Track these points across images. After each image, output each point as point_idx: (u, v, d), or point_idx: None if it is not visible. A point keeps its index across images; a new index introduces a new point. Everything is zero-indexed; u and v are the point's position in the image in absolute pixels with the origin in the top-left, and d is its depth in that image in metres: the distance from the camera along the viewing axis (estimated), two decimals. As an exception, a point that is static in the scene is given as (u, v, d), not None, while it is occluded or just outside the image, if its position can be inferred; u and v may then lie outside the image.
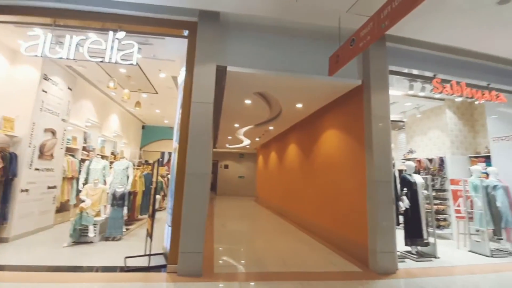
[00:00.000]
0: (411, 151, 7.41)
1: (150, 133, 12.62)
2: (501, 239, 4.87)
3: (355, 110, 4.57)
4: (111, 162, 6.99)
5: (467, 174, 5.68)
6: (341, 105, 5.12)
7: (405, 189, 4.54)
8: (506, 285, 3.46)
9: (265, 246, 5.03)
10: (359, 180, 4.24)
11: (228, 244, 5.04)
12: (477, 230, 4.80)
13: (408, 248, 4.52)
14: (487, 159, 5.82)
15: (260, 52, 4.08)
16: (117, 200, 5.10)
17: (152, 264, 3.54)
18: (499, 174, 5.11)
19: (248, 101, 5.75)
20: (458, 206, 5.25)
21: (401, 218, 4.62)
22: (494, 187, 4.85)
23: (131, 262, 3.56)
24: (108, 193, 5.19)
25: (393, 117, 8.30)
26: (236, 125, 8.62)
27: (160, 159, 5.76)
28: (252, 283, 3.20)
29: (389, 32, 4.22)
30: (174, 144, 4.33)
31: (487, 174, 5.18)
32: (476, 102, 5.29)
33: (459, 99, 5.38)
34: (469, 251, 4.81)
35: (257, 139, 11.63)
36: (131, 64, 3.88)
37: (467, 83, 4.84)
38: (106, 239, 4.74)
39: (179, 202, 3.46)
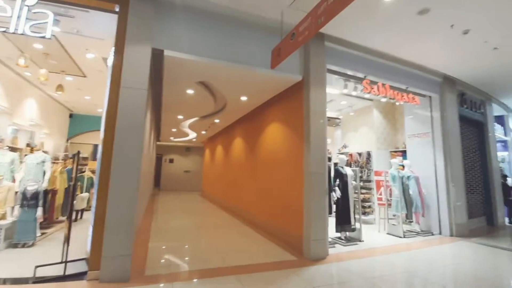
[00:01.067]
0: (344, 146, 8.11)
1: (79, 123, 11.08)
2: (412, 221, 5.73)
3: (296, 105, 4.72)
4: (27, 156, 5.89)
5: (388, 166, 6.48)
6: (284, 100, 5.25)
7: (337, 180, 4.93)
8: (415, 260, 4.05)
9: (206, 242, 4.90)
10: (298, 172, 4.42)
11: (167, 243, 4.75)
12: (394, 215, 5.53)
13: (338, 234, 4.94)
14: (403, 153, 6.74)
15: (202, 38, 3.86)
16: (29, 200, 4.30)
17: (70, 272, 3.08)
18: (412, 166, 5.96)
19: (190, 91, 5.45)
20: (380, 194, 5.96)
21: (333, 207, 5.01)
22: (408, 178, 5.64)
23: (44, 272, 3.03)
24: (16, 192, 4.35)
25: (330, 114, 8.95)
26: (180, 117, 8.17)
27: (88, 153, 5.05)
28: (184, 283, 3.05)
29: (327, 32, 4.49)
30: (101, 134, 3.83)
31: (403, 166, 5.98)
32: (397, 103, 6.02)
33: (384, 100, 6.06)
34: (387, 233, 5.52)
35: (203, 132, 11.28)
36: (45, 37, 3.25)
37: (391, 85, 5.47)
38: (15, 245, 3.98)
39: (103, 200, 3.07)
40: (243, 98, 5.89)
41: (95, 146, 10.15)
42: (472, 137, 7.20)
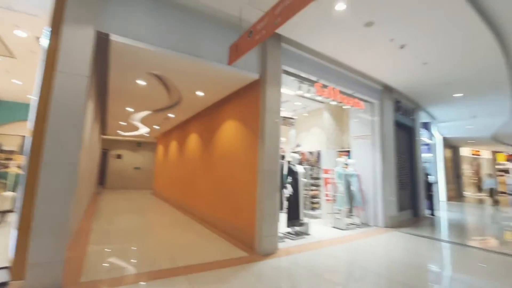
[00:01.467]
0: (298, 145, 8.50)
1: (6, 111, 9.49)
2: (353, 215, 6.31)
3: (252, 103, 4.78)
4: None
5: (335, 164, 7.00)
6: (241, 97, 5.27)
7: (289, 177, 5.15)
8: (354, 250, 4.47)
9: (155, 243, 4.66)
10: (252, 170, 4.49)
11: (110, 245, 4.37)
12: (338, 210, 6.02)
13: (288, 229, 5.17)
14: (349, 153, 7.36)
15: (156, 26, 3.62)
16: None
17: (-16, 283, 2.63)
18: (355, 164, 6.55)
19: (141, 82, 5.10)
20: (327, 191, 6.42)
21: (285, 204, 5.22)
22: (351, 175, 6.19)
23: None
24: None
25: (285, 114, 9.29)
26: (130, 109, 7.59)
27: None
28: (128, 287, 2.85)
29: (284, 33, 4.63)
30: (29, 125, 3.33)
31: (347, 165, 6.53)
32: (345, 107, 6.53)
33: (334, 103, 6.52)
34: (332, 227, 5.98)
35: (156, 127, 10.68)
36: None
37: (340, 90, 5.91)
38: None
39: (30, 199, 2.69)
40: (200, 93, 5.74)
41: (25, 138, 8.81)
42: (404, 140, 8.22)
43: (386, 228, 6.12)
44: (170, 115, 8.20)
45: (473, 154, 19.42)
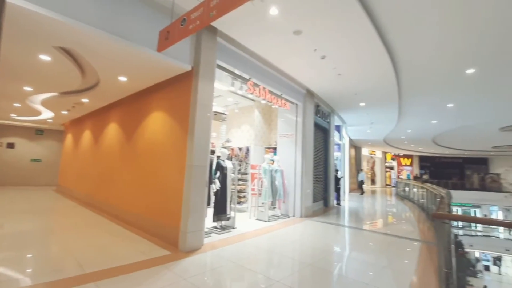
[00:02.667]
0: (228, 140, 8.62)
1: None
2: (275, 207, 6.84)
3: (183, 95, 4.58)
4: None
5: (262, 160, 7.42)
6: (171, 88, 4.97)
7: (218, 173, 5.19)
8: (275, 239, 4.86)
9: (60, 248, 3.98)
10: (179, 165, 4.33)
11: (-12, 255, 3.51)
12: (262, 203, 6.42)
13: (215, 224, 5.23)
14: (275, 150, 7.90)
15: (67, -8, 3.05)
16: None
17: None
18: (280, 161, 7.09)
19: (46, 57, 4.22)
20: (254, 185, 6.76)
21: (213, 198, 5.25)
22: (276, 171, 6.68)
23: None
24: None
25: (217, 109, 9.27)
26: (28, 89, 6.17)
27: None
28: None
29: (221, 28, 4.59)
30: None
31: (273, 161, 7.02)
32: (273, 106, 6.96)
33: (263, 102, 6.87)
34: (256, 219, 6.35)
35: (64, 112, 9.01)
36: None
37: (270, 90, 6.27)
38: None
39: None
40: (122, 79, 5.14)
41: None
42: (320, 140, 9.34)
43: (302, 218, 6.88)
44: (84, 100, 7.07)
45: (370, 154, 23.60)
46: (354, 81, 6.86)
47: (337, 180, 10.25)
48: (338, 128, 12.02)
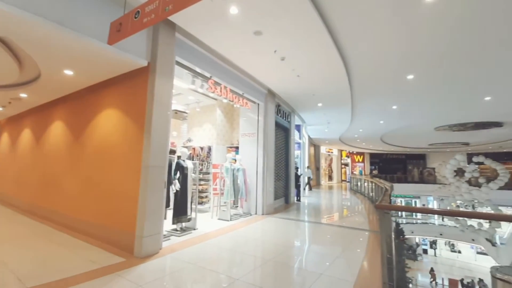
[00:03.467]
0: (189, 140, 8.39)
1: None
2: (237, 206, 6.87)
3: (138, 92, 4.32)
4: None
5: (224, 160, 7.37)
6: (125, 84, 4.65)
7: (178, 173, 5.02)
8: (236, 238, 4.87)
9: (-15, 263, 3.46)
10: (135, 166, 4.08)
11: None
12: (225, 202, 6.40)
13: (175, 226, 5.05)
14: (237, 149, 7.92)
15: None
16: None
17: None
18: (242, 160, 7.13)
19: (-34, 43, 3.62)
20: (216, 185, 6.69)
21: (172, 200, 5.06)
22: (238, 170, 6.70)
23: None
24: None
25: (178, 107, 8.96)
26: None
27: None
28: None
29: (180, 24, 4.42)
30: None
31: (235, 160, 7.03)
32: (235, 105, 6.96)
33: (225, 101, 6.83)
34: (218, 219, 6.30)
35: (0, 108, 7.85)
36: None
37: (231, 89, 6.25)
38: None
39: None
40: (68, 72, 4.66)
41: None
42: (281, 139, 9.63)
43: (264, 215, 7.01)
44: (22, 94, 6.24)
45: (328, 152, 25.04)
46: (312, 83, 7.20)
47: (297, 177, 10.68)
48: (298, 127, 12.51)
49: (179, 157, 5.46)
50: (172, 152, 5.95)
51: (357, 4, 4.01)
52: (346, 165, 28.60)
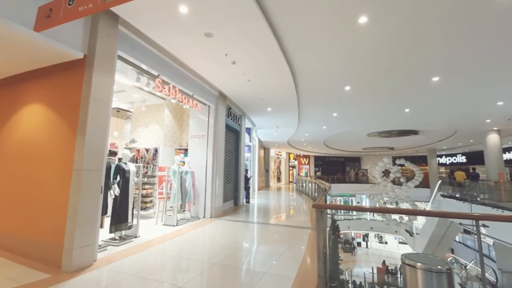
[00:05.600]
0: (133, 141, 7.81)
1: None
2: (185, 210, 6.65)
3: (72, 86, 3.85)
4: None
5: (172, 162, 7.07)
6: (54, 76, 4.09)
7: (118, 177, 4.63)
8: (183, 243, 4.72)
9: None
10: (65, 169, 3.62)
11: None
12: (171, 206, 6.13)
13: (113, 235, 4.64)
14: (185, 151, 7.68)
15: None
16: None
17: None
18: (191, 162, 6.94)
19: None
20: (162, 188, 6.37)
21: (111, 207, 4.64)
22: (186, 172, 6.50)
23: None
24: None
25: (121, 105, 8.27)
26: None
27: None
28: None
29: (125, 17, 4.12)
30: None
31: (184, 162, 6.80)
32: (184, 106, 6.74)
33: (174, 101, 6.56)
34: (164, 224, 6.00)
35: None
36: None
37: (180, 89, 6.05)
38: None
39: None
40: (-25, 56, 3.89)
41: None
42: (231, 141, 9.69)
43: (212, 218, 6.94)
44: None
45: (277, 154, 26.06)
46: (262, 88, 7.44)
47: (247, 179, 10.85)
48: (249, 131, 12.74)
49: (120, 159, 5.04)
50: (113, 154, 5.47)
51: (303, 23, 4.34)
52: (294, 167, 30.17)
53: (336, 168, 29.98)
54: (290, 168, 29.38)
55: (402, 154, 24.22)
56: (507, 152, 19.34)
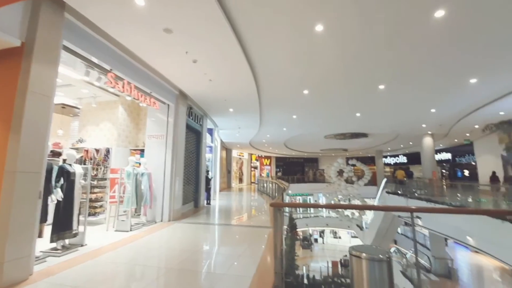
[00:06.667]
0: (81, 140, 7.13)
1: None
2: (140, 214, 6.28)
3: (5, 77, 3.37)
4: None
5: (126, 163, 6.62)
6: (-19, 64, 3.54)
7: (62, 179, 4.18)
8: (137, 249, 4.45)
9: None
10: (-6, 171, 3.15)
11: None
12: (124, 211, 5.73)
13: (55, 245, 4.16)
14: (142, 152, 7.26)
15: None
16: None
17: None
18: (147, 163, 6.58)
19: None
20: (114, 192, 5.92)
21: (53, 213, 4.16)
22: (142, 174, 6.15)
23: None
24: None
25: (68, 101, 7.49)
26: None
27: None
28: None
29: (73, 4, 3.76)
30: None
31: (139, 164, 6.42)
32: (141, 104, 6.38)
33: (129, 98, 6.15)
34: (116, 230, 5.57)
35: None
36: None
37: (136, 86, 5.71)
38: None
39: None
40: None
41: None
42: (192, 142, 9.45)
43: (170, 222, 6.66)
44: None
45: (239, 155, 26.11)
46: (224, 89, 7.41)
47: (208, 180, 10.68)
48: (210, 131, 12.55)
49: (64, 160, 4.56)
50: (56, 154, 4.93)
51: (265, 26, 4.46)
52: (256, 168, 30.54)
53: (296, 168, 31.13)
54: (252, 169, 29.68)
55: (354, 155, 26.18)
56: (439, 153, 22.29)
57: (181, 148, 7.57)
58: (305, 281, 2.59)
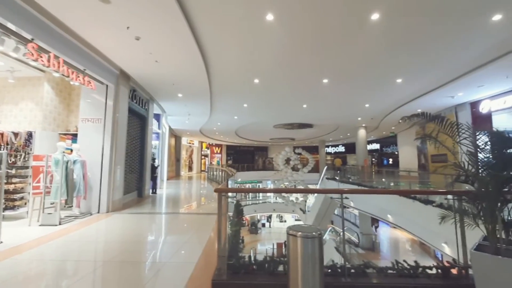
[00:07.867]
0: (-8, 121, 5.98)
1: None
2: (71, 206, 5.64)
3: None
4: None
5: (54, 150, 5.83)
6: None
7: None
8: (68, 244, 4.04)
9: None
10: None
11: None
12: (52, 203, 5.08)
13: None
14: (74, 137, 6.46)
15: None
16: None
17: None
18: (81, 150, 5.90)
19: None
20: (38, 182, 5.18)
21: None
22: (74, 162, 5.50)
23: None
24: None
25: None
26: None
27: None
28: None
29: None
30: None
31: (71, 150, 5.72)
32: (72, 82, 5.60)
33: (57, 75, 5.33)
34: (40, 225, 4.90)
35: None
36: None
37: (66, 61, 4.98)
38: None
39: None
40: None
41: None
42: (136, 127, 8.78)
43: (109, 213, 6.15)
44: None
45: (189, 143, 25.29)
46: (171, 72, 7.01)
47: (154, 168, 10.14)
48: (157, 117, 11.81)
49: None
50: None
51: (216, 10, 4.31)
52: (206, 156, 30.04)
53: (246, 157, 31.67)
54: (203, 157, 29.13)
55: (300, 145, 27.81)
56: (370, 144, 25.28)
57: (123, 133, 6.98)
58: (248, 262, 2.73)
